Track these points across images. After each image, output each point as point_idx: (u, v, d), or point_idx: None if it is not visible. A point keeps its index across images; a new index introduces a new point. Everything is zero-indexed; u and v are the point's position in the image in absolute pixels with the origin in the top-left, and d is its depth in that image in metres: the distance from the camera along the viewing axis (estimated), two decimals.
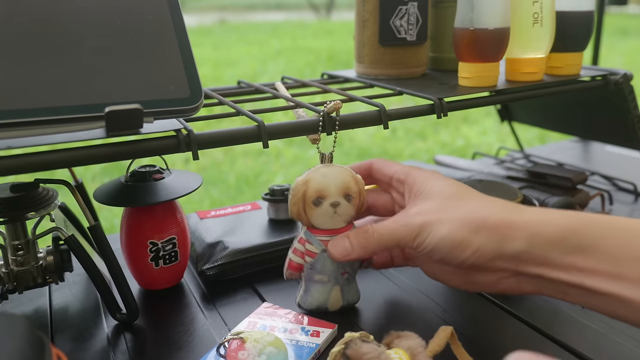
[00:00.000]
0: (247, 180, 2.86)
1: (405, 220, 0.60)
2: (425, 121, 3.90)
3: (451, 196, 0.60)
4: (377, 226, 0.62)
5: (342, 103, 0.63)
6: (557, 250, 0.53)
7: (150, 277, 0.75)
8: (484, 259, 0.56)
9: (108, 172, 2.89)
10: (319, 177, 0.63)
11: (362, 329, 0.66)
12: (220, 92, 0.80)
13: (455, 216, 0.57)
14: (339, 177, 0.64)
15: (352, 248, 0.62)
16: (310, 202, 0.63)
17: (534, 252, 0.54)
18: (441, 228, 0.57)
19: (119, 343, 0.65)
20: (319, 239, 0.65)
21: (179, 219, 0.75)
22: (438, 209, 0.59)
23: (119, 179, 0.74)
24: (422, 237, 0.58)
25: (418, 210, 0.60)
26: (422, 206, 0.61)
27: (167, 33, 0.58)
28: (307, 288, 0.68)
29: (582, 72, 0.87)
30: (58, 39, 0.54)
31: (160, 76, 0.56)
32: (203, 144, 0.56)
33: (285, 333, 0.63)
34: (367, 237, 0.62)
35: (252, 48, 6.99)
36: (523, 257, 0.55)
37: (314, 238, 0.65)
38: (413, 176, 0.65)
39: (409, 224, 0.59)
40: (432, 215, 0.59)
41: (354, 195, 0.64)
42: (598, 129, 1.17)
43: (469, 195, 0.60)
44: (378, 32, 0.83)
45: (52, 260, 0.69)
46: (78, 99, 0.51)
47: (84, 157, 0.52)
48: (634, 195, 1.09)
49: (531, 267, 0.55)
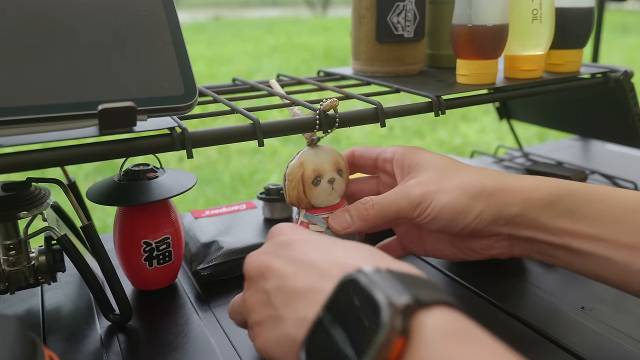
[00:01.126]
0: (242, 179, 2.87)
1: (405, 192, 0.63)
2: (423, 119, 3.90)
3: (447, 167, 0.63)
4: (377, 198, 0.64)
5: (338, 101, 0.63)
6: (547, 214, 0.59)
7: (144, 277, 0.75)
8: (483, 224, 0.61)
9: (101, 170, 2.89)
10: (312, 157, 0.65)
11: None
12: (215, 90, 0.80)
13: (454, 185, 0.61)
14: (329, 154, 0.66)
15: (352, 221, 0.64)
16: (310, 182, 0.65)
17: (527, 215, 0.59)
18: (442, 197, 0.61)
19: (112, 344, 0.65)
20: (321, 217, 0.67)
21: (173, 219, 0.75)
22: (436, 180, 0.62)
23: (112, 178, 0.74)
24: (423, 206, 0.61)
25: (417, 181, 0.63)
26: (420, 177, 0.63)
27: (161, 30, 0.58)
28: None
29: (582, 69, 0.87)
30: (50, 36, 0.54)
31: (154, 73, 0.56)
32: (197, 142, 0.56)
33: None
34: (367, 208, 0.64)
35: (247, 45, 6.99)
36: (517, 221, 0.60)
37: (317, 217, 0.66)
38: (401, 152, 0.67)
39: (408, 195, 0.62)
40: (432, 185, 0.62)
41: (343, 170, 0.67)
42: (598, 127, 1.17)
43: (463, 167, 0.64)
44: (375, 29, 0.83)
45: (45, 260, 0.69)
46: (71, 96, 0.51)
47: (77, 155, 0.52)
48: None
49: (523, 230, 0.60)
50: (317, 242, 0.50)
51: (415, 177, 0.64)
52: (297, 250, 0.49)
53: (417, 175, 0.64)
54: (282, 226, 0.56)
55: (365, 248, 0.48)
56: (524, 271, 0.79)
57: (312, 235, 0.52)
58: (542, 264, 0.81)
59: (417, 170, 0.64)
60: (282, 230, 0.54)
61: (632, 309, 0.70)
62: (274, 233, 0.55)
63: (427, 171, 0.63)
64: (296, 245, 0.50)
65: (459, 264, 0.82)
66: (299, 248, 0.50)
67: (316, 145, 0.67)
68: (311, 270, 0.46)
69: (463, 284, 0.77)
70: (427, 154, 0.66)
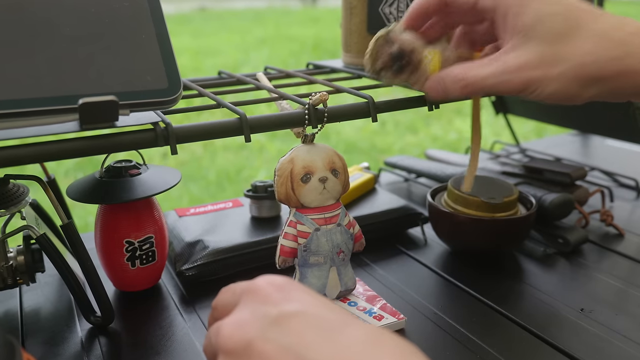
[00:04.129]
0: (228, 176, 2.87)
1: (506, 76, 0.55)
2: (416, 114, 3.91)
3: (557, 37, 0.54)
4: (474, 76, 0.57)
5: (328, 95, 0.63)
6: None
7: (127, 278, 0.75)
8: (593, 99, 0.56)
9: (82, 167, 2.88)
10: (303, 154, 0.65)
11: None
12: (200, 83, 0.80)
13: (564, 69, 0.54)
14: (323, 152, 0.66)
15: (448, 92, 0.59)
16: (299, 179, 0.65)
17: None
18: (549, 85, 0.54)
19: (93, 348, 0.66)
20: (311, 218, 0.66)
21: (156, 217, 0.75)
22: (542, 61, 0.54)
23: (94, 175, 0.74)
24: (527, 92, 0.56)
25: (519, 62, 0.55)
26: (522, 55, 0.55)
27: (144, 21, 0.58)
28: (303, 275, 0.68)
29: None
30: (29, 27, 0.53)
31: (136, 66, 0.56)
32: (182, 138, 0.56)
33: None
34: (464, 85, 0.58)
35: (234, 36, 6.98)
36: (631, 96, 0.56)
37: (305, 217, 0.66)
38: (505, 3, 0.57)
39: (510, 81, 0.55)
40: (537, 70, 0.54)
41: (339, 171, 0.67)
42: (598, 122, 1.17)
43: (578, 32, 0.54)
44: (366, 20, 0.83)
45: (23, 260, 0.69)
46: (50, 90, 0.51)
47: (57, 151, 0.51)
48: (635, 191, 1.10)
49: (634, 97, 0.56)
50: (322, 319, 0.40)
51: (519, 50, 0.55)
52: (293, 333, 0.39)
53: (521, 47, 0.55)
54: (272, 283, 0.44)
55: (390, 338, 0.38)
56: (521, 272, 0.80)
57: (314, 304, 0.42)
58: (540, 264, 0.82)
59: (520, 38, 0.55)
60: (268, 292, 0.43)
61: (634, 310, 0.70)
62: (258, 291, 0.44)
63: (531, 44, 0.55)
64: (292, 324, 0.40)
65: (454, 264, 0.83)
66: (295, 329, 0.39)
67: (311, 142, 0.67)
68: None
69: (459, 285, 0.77)
70: (538, 9, 0.55)
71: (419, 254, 0.87)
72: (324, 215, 0.66)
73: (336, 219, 0.67)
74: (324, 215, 0.66)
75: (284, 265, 0.68)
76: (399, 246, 0.90)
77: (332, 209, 0.67)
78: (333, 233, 0.67)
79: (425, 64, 0.61)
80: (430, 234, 0.93)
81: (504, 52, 0.56)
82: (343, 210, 0.68)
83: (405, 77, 0.62)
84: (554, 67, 0.54)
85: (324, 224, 0.66)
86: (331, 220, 0.67)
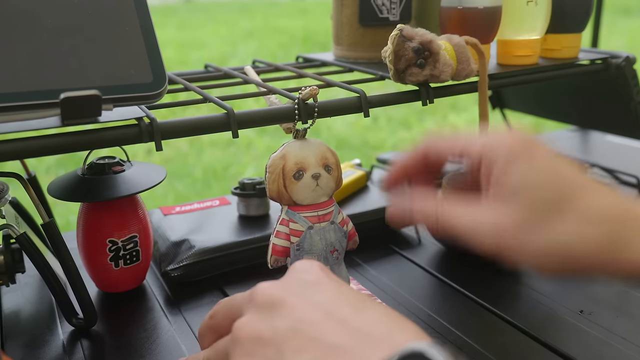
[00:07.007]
0: (215, 173, 2.86)
1: (482, 230, 0.51)
2: (410, 108, 3.91)
3: (546, 207, 0.49)
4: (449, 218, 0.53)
5: (318, 89, 0.63)
6: None
7: (110, 278, 0.75)
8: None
9: (63, 164, 2.87)
10: (296, 149, 0.65)
11: None
12: (186, 77, 0.80)
13: (542, 245, 0.49)
14: (316, 148, 0.66)
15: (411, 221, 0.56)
16: (291, 176, 0.64)
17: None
18: (521, 257, 0.49)
19: (75, 350, 0.66)
20: (304, 216, 0.66)
21: (140, 216, 0.75)
22: (523, 227, 0.49)
23: (76, 172, 0.74)
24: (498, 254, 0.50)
25: (497, 218, 0.50)
26: (504, 212, 0.50)
27: (128, 13, 0.58)
28: None
29: (580, 55, 0.88)
30: (7, 19, 0.53)
31: (120, 60, 0.56)
32: (167, 134, 0.56)
33: None
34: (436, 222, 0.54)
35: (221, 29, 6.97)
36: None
37: (298, 215, 0.66)
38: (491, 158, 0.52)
39: (485, 237, 0.51)
40: (515, 237, 0.49)
41: (332, 167, 0.66)
42: (598, 117, 1.18)
43: (567, 206, 0.49)
44: (358, 11, 0.83)
45: (3, 260, 0.69)
46: (30, 84, 0.51)
47: (37, 147, 0.52)
48: (637, 189, 1.10)
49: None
50: (351, 293, 0.44)
51: (500, 207, 0.50)
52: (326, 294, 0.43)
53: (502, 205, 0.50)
54: (269, 290, 0.45)
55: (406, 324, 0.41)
56: (518, 272, 0.80)
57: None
58: None
59: (506, 192, 0.50)
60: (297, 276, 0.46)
61: (634, 312, 0.71)
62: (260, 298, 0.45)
63: (516, 203, 0.49)
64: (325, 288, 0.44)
65: (449, 264, 0.83)
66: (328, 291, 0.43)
67: (303, 138, 0.66)
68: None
69: (453, 286, 0.77)
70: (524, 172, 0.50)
71: (412, 254, 0.87)
72: (317, 212, 0.66)
73: (329, 217, 0.67)
74: (317, 213, 0.66)
75: (276, 264, 0.68)
76: (391, 246, 0.90)
77: (326, 206, 0.67)
78: (327, 231, 0.67)
79: (444, 51, 0.67)
80: (424, 233, 0.93)
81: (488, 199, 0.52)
82: (336, 208, 0.68)
83: (428, 71, 0.66)
84: (533, 236, 0.49)
85: (317, 221, 0.66)
86: (324, 217, 0.67)
